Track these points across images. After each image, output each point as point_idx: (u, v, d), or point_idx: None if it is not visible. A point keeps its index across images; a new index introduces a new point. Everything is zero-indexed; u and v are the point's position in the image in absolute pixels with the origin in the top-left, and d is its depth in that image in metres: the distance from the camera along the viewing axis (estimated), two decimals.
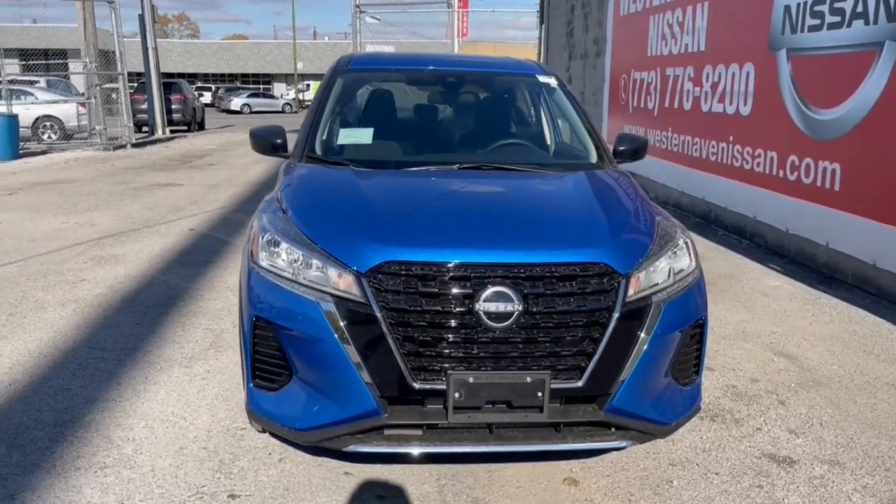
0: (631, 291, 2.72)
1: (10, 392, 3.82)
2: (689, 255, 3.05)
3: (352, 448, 2.65)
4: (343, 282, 2.64)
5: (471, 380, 2.58)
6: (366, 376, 2.59)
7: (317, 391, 2.70)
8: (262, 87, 60.54)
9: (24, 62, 28.17)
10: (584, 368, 2.66)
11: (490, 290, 2.58)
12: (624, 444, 2.81)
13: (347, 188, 3.23)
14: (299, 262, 2.74)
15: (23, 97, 20.25)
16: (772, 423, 3.63)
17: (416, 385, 2.59)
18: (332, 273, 2.66)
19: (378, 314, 2.56)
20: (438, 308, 2.58)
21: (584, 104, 14.27)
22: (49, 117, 20.10)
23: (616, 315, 2.66)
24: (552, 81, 4.31)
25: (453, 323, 2.59)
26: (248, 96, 48.77)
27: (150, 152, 17.38)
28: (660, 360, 2.81)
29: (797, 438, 3.48)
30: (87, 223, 8.38)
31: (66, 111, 20.07)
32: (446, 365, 2.60)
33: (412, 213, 2.96)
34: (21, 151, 16.04)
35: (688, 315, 2.91)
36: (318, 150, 3.72)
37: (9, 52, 29.91)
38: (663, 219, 3.25)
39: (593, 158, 3.87)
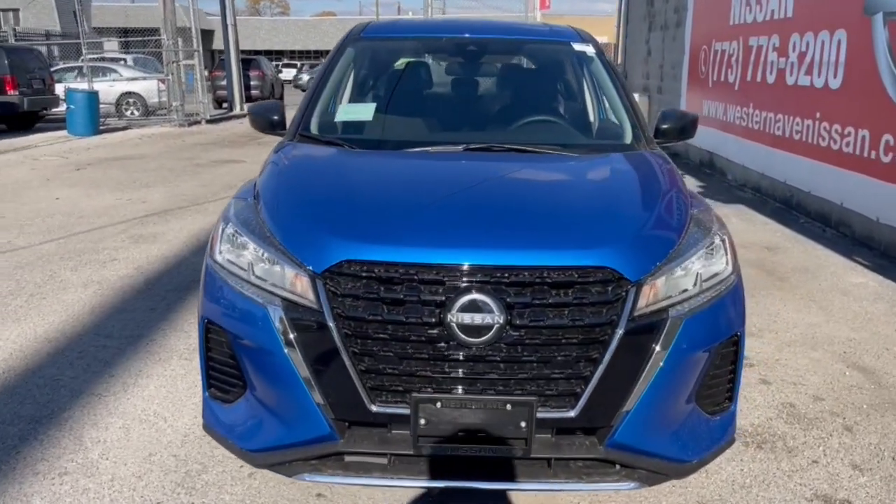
0: (642, 302, 2.23)
1: (0, 381, 3.65)
2: (726, 256, 2.52)
3: (304, 477, 2.28)
4: (299, 283, 2.25)
5: (439, 405, 2.16)
6: (317, 396, 2.21)
7: (266, 408, 2.34)
8: None
9: (122, 39, 28.96)
10: (580, 395, 2.20)
11: (466, 297, 2.14)
12: (629, 485, 2.31)
13: (327, 173, 2.84)
14: (254, 259, 2.38)
15: (109, 74, 20.88)
16: (832, 455, 3.06)
17: (374, 408, 2.19)
18: (289, 273, 2.28)
19: (330, 323, 2.17)
20: (402, 318, 2.16)
21: (663, 79, 13.42)
22: (132, 94, 20.62)
23: (620, 332, 2.18)
24: (589, 50, 3.77)
25: (420, 336, 2.17)
26: None
27: (222, 128, 17.50)
28: (678, 386, 2.32)
29: (861, 476, 2.90)
30: (138, 200, 8.34)
31: (148, 88, 20.54)
32: (411, 386, 2.19)
33: (387, 204, 2.54)
34: (101, 127, 16.42)
35: (718, 331, 2.39)
36: (314, 128, 3.33)
37: (109, 31, 31.03)
38: (699, 211, 2.73)
39: (628, 139, 3.33)
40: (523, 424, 2.16)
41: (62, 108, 16.25)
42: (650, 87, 14.45)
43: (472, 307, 2.14)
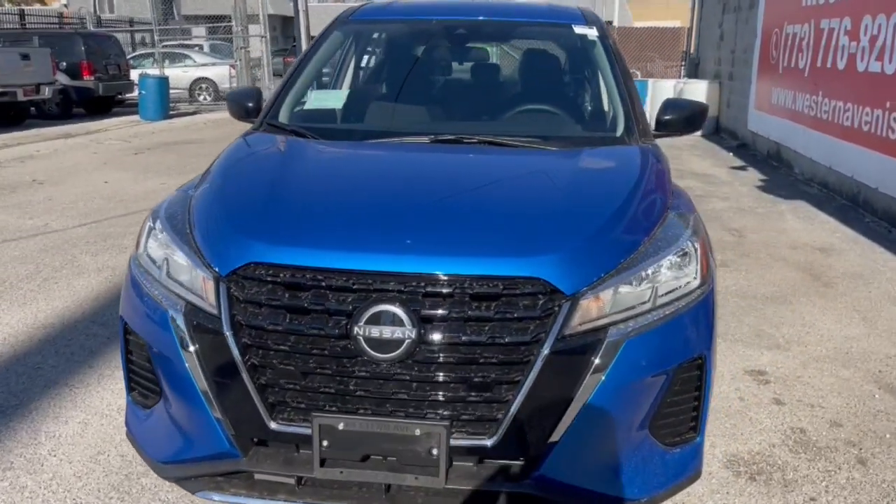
0: (577, 319, 1.96)
1: None
2: (696, 266, 2.21)
3: (207, 495, 2.12)
4: (206, 286, 2.09)
5: (341, 426, 1.95)
6: (215, 410, 2.04)
7: (172, 418, 2.19)
8: None
9: (210, 25, 29.71)
10: (500, 421, 1.95)
11: (375, 308, 1.93)
12: None
13: (266, 166, 2.65)
14: (169, 258, 2.22)
15: (183, 60, 21.44)
16: (836, 493, 2.70)
17: (274, 426, 2.00)
18: (198, 274, 2.12)
19: (227, 331, 1.99)
20: (305, 329, 1.96)
21: (734, 64, 12.73)
22: (205, 80, 21.11)
23: (545, 352, 1.92)
24: (591, 33, 3.45)
25: (324, 350, 1.96)
26: None
27: None
28: (621, 415, 2.03)
29: None
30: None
31: (221, 74, 20.95)
32: (314, 404, 1.99)
33: (310, 203, 2.34)
34: (171, 112, 16.84)
35: (673, 353, 2.09)
36: (282, 117, 3.15)
37: (198, 18, 31.88)
38: (678, 214, 2.42)
39: (618, 131, 3.02)
40: (434, 452, 1.94)
41: (136, 93, 16.74)
42: (721, 74, 13.72)
43: (382, 319, 1.92)
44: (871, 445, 3.02)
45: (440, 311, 1.94)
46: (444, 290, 1.95)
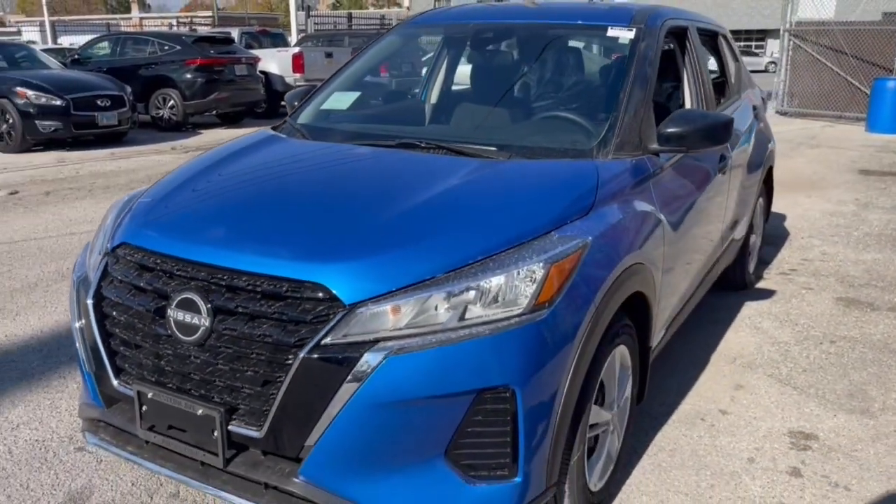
0: (348, 329, 1.96)
1: None
2: (532, 291, 2.03)
3: (85, 437, 2.49)
4: (96, 263, 2.47)
5: (150, 395, 2.19)
6: (87, 366, 2.41)
7: (81, 370, 2.60)
8: (753, 44, 56.70)
9: None
10: (267, 415, 2.03)
11: (183, 294, 2.14)
12: None
13: (207, 162, 2.90)
14: (92, 241, 2.65)
15: None
16: None
17: (116, 385, 2.31)
18: (99, 254, 2.51)
19: (89, 300, 2.35)
20: (134, 305, 2.24)
21: None
22: None
23: (302, 356, 1.95)
24: (624, 35, 3.13)
25: (146, 325, 2.22)
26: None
27: None
28: (391, 433, 1.97)
29: None
30: None
31: None
32: (140, 372, 2.26)
33: (196, 196, 2.57)
34: None
35: (462, 377, 1.95)
36: (301, 117, 3.42)
37: None
38: (563, 236, 2.22)
39: (592, 143, 2.77)
40: (215, 434, 2.09)
41: None
42: None
43: (185, 305, 2.12)
44: None
45: (231, 305, 2.08)
46: (240, 285, 2.09)
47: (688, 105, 3.63)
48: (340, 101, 3.43)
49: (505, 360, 1.99)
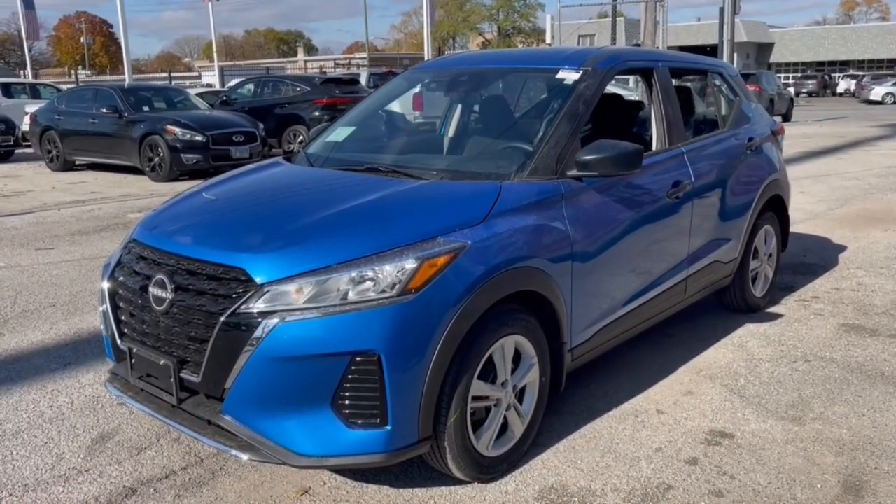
0: (257, 302, 2.63)
1: None
2: (405, 279, 2.62)
3: (106, 387, 3.28)
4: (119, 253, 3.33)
5: (135, 349, 2.97)
6: (106, 328, 3.23)
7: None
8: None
9: None
10: (201, 365, 2.74)
11: (158, 275, 2.91)
12: (243, 455, 2.69)
13: (218, 180, 3.72)
14: None
15: None
16: None
17: (119, 343, 3.11)
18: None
19: (106, 282, 3.18)
20: (129, 283, 3.04)
21: None
22: None
23: (220, 320, 2.65)
24: (569, 77, 3.62)
25: (133, 298, 3.00)
26: (894, 84, 43.15)
27: None
28: (285, 382, 2.60)
29: None
30: None
31: None
32: (132, 333, 3.04)
33: (183, 207, 3.38)
34: None
35: (337, 341, 2.56)
36: (311, 147, 4.17)
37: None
38: (448, 241, 2.78)
39: (511, 168, 3.30)
40: (171, 379, 2.82)
41: None
42: None
43: (159, 284, 2.89)
44: None
45: (185, 283, 2.82)
46: (192, 269, 2.83)
47: (654, 137, 4.06)
48: (340, 134, 4.16)
49: (373, 331, 2.59)
